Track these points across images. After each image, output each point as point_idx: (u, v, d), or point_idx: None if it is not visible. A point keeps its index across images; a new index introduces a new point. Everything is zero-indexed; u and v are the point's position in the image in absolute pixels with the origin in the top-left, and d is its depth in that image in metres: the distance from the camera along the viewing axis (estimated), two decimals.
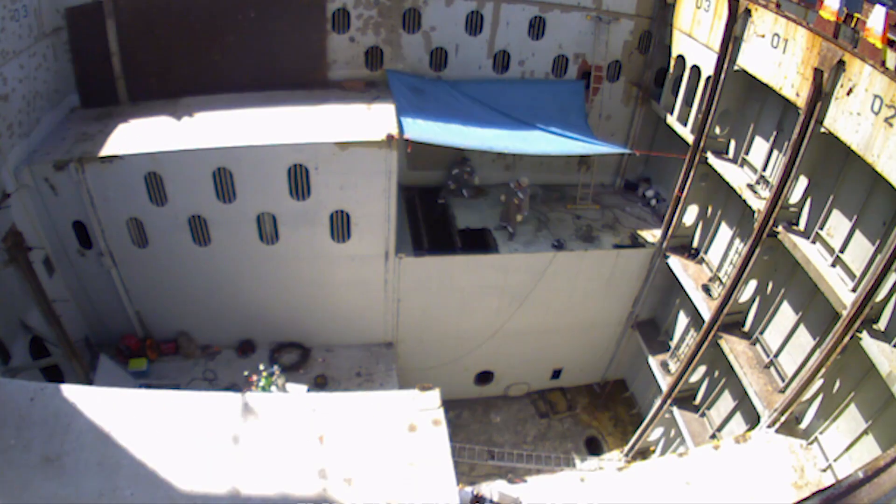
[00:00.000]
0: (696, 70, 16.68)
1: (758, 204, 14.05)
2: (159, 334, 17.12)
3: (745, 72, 14.50)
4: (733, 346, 15.25)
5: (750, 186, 14.60)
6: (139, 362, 16.43)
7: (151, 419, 7.45)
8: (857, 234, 12.19)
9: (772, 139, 14.43)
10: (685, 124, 17.14)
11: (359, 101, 16.75)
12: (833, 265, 12.70)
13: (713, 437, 16.51)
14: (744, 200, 14.86)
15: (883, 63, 10.70)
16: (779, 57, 13.22)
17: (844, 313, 11.51)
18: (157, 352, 17.02)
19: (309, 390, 16.54)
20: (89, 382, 14.94)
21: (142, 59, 15.99)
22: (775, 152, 14.33)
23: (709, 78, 15.65)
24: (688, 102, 17.24)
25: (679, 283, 17.47)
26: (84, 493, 6.65)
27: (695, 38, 16.47)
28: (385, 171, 14.99)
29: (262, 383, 16.12)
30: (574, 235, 18.30)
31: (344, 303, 17.43)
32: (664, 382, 17.99)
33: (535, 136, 17.10)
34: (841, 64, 11.37)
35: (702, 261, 17.41)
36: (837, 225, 12.69)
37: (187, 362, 17.07)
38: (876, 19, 10.78)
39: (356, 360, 17.83)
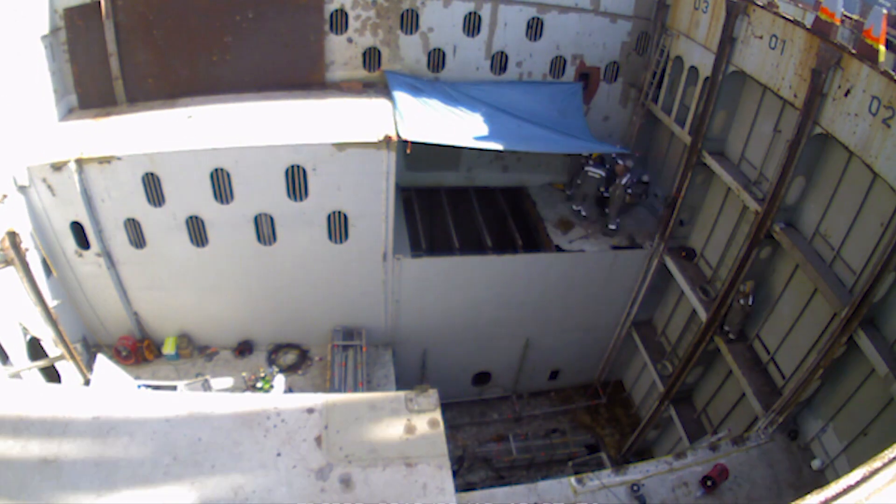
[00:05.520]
0: (693, 71, 16.71)
1: (755, 204, 14.07)
2: (157, 335, 17.10)
3: (743, 72, 14.53)
4: (731, 347, 15.26)
5: (748, 187, 14.62)
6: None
7: (149, 420, 7.43)
8: (855, 234, 12.22)
9: (770, 140, 14.45)
10: (683, 125, 17.16)
11: (356, 102, 16.75)
12: (831, 265, 12.72)
13: (711, 437, 16.51)
14: (742, 201, 14.89)
15: (877, 63, 10.72)
16: (776, 58, 13.25)
17: (842, 313, 11.53)
18: (155, 353, 16.99)
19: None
20: (87, 383, 14.93)
21: (140, 59, 15.98)
22: (773, 153, 14.35)
23: (707, 79, 15.68)
24: (685, 103, 17.26)
25: (676, 283, 17.49)
26: (82, 494, 6.63)
27: (693, 38, 16.50)
28: (383, 172, 14.98)
29: (260, 384, 16.16)
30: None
31: (341, 304, 17.42)
32: (662, 383, 18.01)
33: (534, 135, 17.13)
34: (839, 65, 11.40)
35: (699, 261, 17.42)
36: (835, 225, 12.72)
37: (185, 363, 17.06)
38: (874, 20, 10.80)
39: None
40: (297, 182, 14.86)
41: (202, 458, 7.16)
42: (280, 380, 16.35)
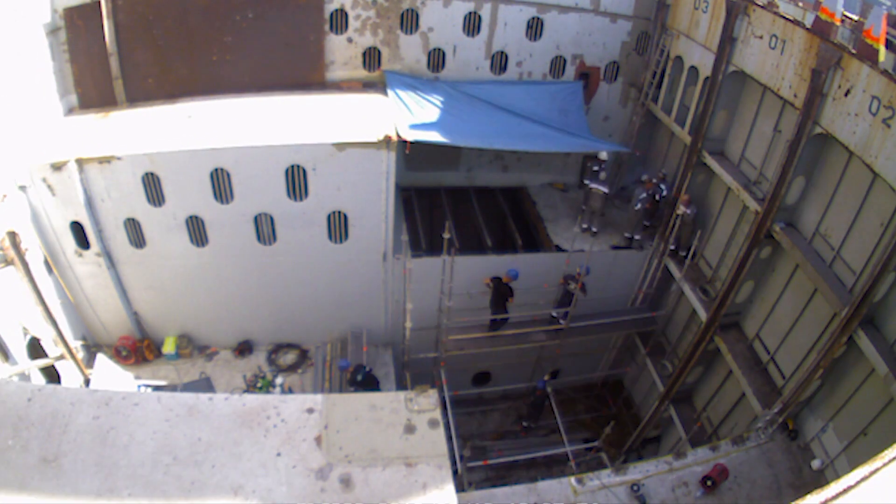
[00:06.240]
0: (693, 71, 16.71)
1: (755, 204, 14.07)
2: (157, 335, 17.09)
3: (743, 72, 14.53)
4: (731, 346, 15.26)
5: (747, 186, 14.62)
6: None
7: (149, 420, 7.43)
8: (855, 234, 12.22)
9: (770, 139, 14.46)
10: (683, 125, 17.16)
11: (356, 102, 16.77)
12: (831, 265, 12.72)
13: (711, 437, 16.51)
14: (742, 201, 14.89)
15: (877, 63, 10.73)
16: (776, 58, 13.25)
17: (842, 313, 11.53)
18: (155, 353, 16.99)
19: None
20: (87, 383, 14.95)
21: (140, 59, 15.99)
22: (773, 153, 14.36)
23: (707, 79, 15.69)
24: (685, 103, 17.27)
25: (676, 283, 17.48)
26: (82, 494, 6.63)
27: (693, 38, 16.50)
28: (383, 172, 14.98)
29: (260, 384, 16.16)
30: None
31: (341, 304, 17.42)
32: (662, 383, 18.00)
33: (535, 134, 17.14)
34: (839, 65, 11.40)
35: (699, 261, 17.41)
36: (835, 225, 12.72)
37: (185, 363, 17.06)
38: (874, 20, 10.80)
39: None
40: (297, 182, 14.87)
41: (202, 458, 7.16)
42: (280, 380, 16.35)
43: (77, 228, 14.70)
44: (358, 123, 15.35)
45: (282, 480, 7.07)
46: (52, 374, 14.27)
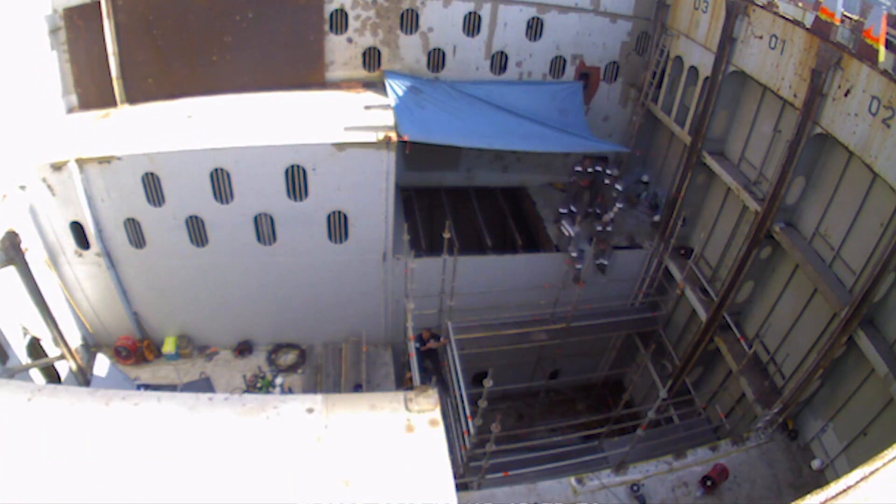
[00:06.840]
0: (693, 71, 16.71)
1: (755, 204, 14.07)
2: (157, 335, 17.09)
3: (743, 72, 14.53)
4: (731, 347, 15.25)
5: (748, 187, 14.62)
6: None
7: (149, 420, 7.43)
8: (855, 234, 12.21)
9: (770, 140, 14.45)
10: (683, 125, 17.16)
11: (356, 102, 16.77)
12: (831, 265, 12.72)
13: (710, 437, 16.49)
14: (742, 201, 14.89)
15: (877, 63, 10.73)
16: (776, 58, 13.25)
17: (842, 313, 11.53)
18: (155, 353, 16.99)
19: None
20: (87, 383, 14.93)
21: (140, 59, 15.99)
22: (773, 153, 14.35)
23: (707, 79, 15.68)
24: (685, 103, 17.26)
25: (676, 283, 17.47)
26: (81, 494, 6.63)
27: (693, 38, 16.50)
28: (383, 172, 14.99)
29: (260, 384, 16.16)
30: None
31: (341, 304, 17.42)
32: (662, 383, 17.99)
33: (535, 134, 17.14)
34: (838, 65, 11.39)
35: (700, 261, 17.41)
36: (835, 225, 12.72)
37: (185, 363, 17.06)
38: (874, 20, 10.80)
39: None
40: (297, 182, 14.87)
41: (202, 457, 7.17)
42: (280, 380, 16.36)
43: (77, 228, 14.70)
44: (358, 123, 15.35)
45: (282, 481, 7.07)
46: (52, 375, 14.25)
